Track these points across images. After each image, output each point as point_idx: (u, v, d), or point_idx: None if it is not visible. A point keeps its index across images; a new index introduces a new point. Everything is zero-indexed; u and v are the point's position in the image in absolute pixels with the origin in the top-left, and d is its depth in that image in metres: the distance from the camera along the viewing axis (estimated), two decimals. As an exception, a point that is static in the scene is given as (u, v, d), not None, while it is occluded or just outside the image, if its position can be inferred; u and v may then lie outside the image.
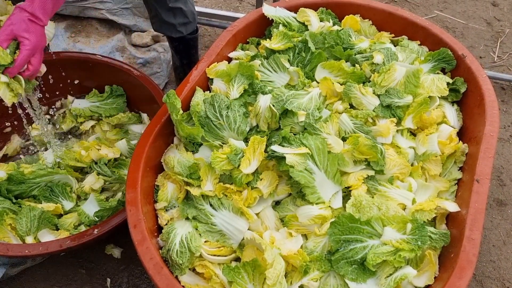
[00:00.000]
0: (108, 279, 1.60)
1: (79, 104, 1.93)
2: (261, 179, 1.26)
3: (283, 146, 1.24)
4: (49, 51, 1.86)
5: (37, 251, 1.36)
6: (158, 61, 2.27)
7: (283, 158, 1.20)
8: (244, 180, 1.25)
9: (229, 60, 1.64)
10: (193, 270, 1.22)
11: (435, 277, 1.14)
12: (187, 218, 1.27)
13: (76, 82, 1.95)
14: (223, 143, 1.37)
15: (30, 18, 1.23)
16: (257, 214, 1.26)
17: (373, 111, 1.41)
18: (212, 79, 1.55)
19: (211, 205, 1.26)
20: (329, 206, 1.25)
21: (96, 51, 2.23)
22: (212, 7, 2.59)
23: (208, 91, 1.53)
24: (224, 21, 2.42)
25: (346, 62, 1.54)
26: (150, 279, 1.09)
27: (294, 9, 1.75)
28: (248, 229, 1.22)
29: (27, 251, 1.36)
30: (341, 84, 1.46)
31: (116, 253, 1.64)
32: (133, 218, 1.18)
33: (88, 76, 1.93)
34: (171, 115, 1.38)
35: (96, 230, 1.41)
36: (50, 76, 1.81)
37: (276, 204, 1.32)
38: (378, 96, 1.44)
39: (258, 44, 1.73)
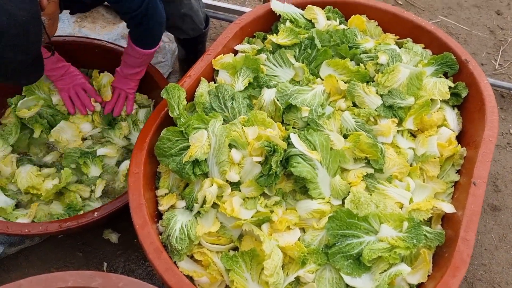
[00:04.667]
0: (105, 263, 1.62)
1: None
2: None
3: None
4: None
5: (37, 231, 1.37)
6: (163, 50, 2.27)
7: (295, 155, 1.22)
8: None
9: (235, 52, 1.66)
10: (191, 257, 1.24)
11: (428, 275, 1.16)
12: (187, 208, 1.29)
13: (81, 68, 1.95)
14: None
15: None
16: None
17: (375, 110, 1.43)
18: (217, 70, 1.57)
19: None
20: (328, 202, 1.27)
21: (101, 38, 2.23)
22: (219, 0, 2.60)
23: (213, 82, 1.55)
24: (230, 14, 2.43)
25: (351, 61, 1.56)
26: (150, 263, 1.11)
27: (302, 6, 1.76)
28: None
29: (26, 230, 1.37)
30: (345, 82, 1.48)
31: (113, 238, 1.66)
32: (135, 203, 1.20)
33: (94, 62, 1.93)
34: (169, 111, 1.38)
35: (96, 213, 1.42)
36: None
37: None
38: (381, 96, 1.46)
39: (264, 38, 1.74)
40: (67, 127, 1.72)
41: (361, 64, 1.55)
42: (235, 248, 1.26)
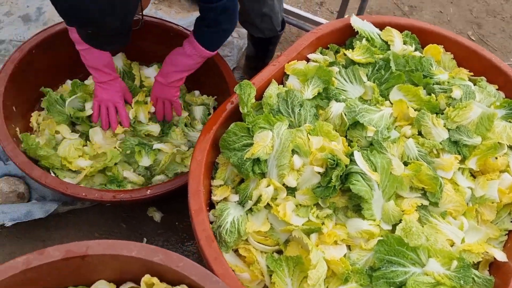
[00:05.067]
0: (145, 239, 1.67)
1: (148, 74, 1.96)
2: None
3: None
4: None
5: (92, 196, 1.43)
6: (231, 45, 2.32)
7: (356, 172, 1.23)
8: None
9: (307, 60, 1.68)
10: (235, 251, 1.27)
11: (470, 320, 1.15)
12: (239, 203, 1.32)
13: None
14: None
15: (161, 82, 1.66)
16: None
17: (440, 143, 1.41)
18: (288, 75, 1.59)
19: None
20: (378, 225, 1.27)
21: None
22: (292, 4, 2.62)
23: (281, 86, 1.57)
24: (301, 21, 2.45)
25: (423, 89, 1.55)
26: (200, 249, 1.14)
27: (380, 26, 1.76)
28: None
29: (84, 194, 1.43)
30: (414, 110, 1.47)
31: (157, 216, 1.71)
32: (194, 188, 1.24)
33: (166, 45, 1.98)
34: (239, 106, 1.42)
35: (149, 190, 1.47)
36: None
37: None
38: (448, 130, 1.45)
39: (337, 52, 1.75)
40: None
41: (432, 95, 1.54)
42: (279, 251, 1.28)
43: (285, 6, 2.46)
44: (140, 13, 1.35)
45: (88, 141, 1.72)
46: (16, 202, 1.62)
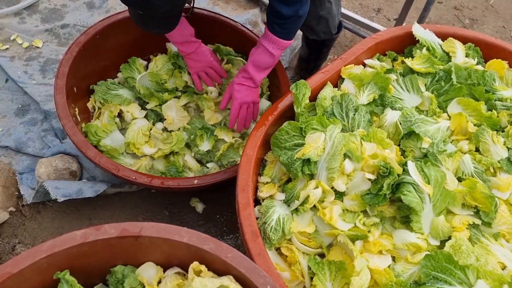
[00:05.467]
0: (185, 228, 1.69)
1: None
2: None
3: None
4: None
5: (142, 181, 1.47)
6: (284, 45, 2.32)
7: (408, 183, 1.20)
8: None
9: (364, 65, 1.65)
10: (277, 249, 1.27)
11: None
12: (285, 201, 1.32)
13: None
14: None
15: (249, 85, 1.64)
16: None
17: (498, 162, 1.36)
18: (343, 78, 1.57)
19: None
20: (426, 239, 1.24)
21: (231, 19, 2.33)
22: (348, 9, 2.60)
23: (336, 89, 1.55)
24: (357, 26, 2.42)
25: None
26: (244, 243, 1.15)
27: (443, 36, 1.71)
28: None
29: (134, 177, 1.47)
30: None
31: (199, 207, 1.73)
32: (243, 182, 1.25)
33: (222, 41, 2.01)
34: (294, 105, 1.41)
35: (196, 180, 1.50)
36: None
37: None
38: (508, 149, 1.39)
39: (394, 59, 1.72)
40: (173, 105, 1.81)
41: (493, 111, 1.48)
42: (320, 254, 1.27)
43: (342, 10, 2.43)
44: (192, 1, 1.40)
45: (153, 124, 1.79)
46: (68, 179, 1.69)
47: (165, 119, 1.78)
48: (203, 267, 0.93)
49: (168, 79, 1.89)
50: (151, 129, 1.76)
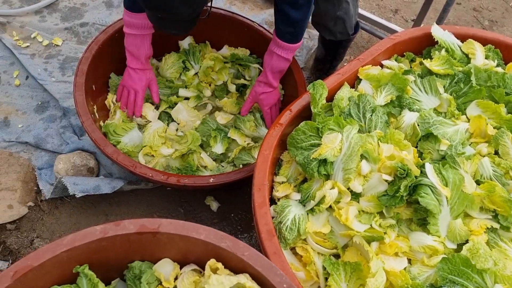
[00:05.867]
0: (203, 225, 1.70)
1: None
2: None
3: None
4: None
5: (158, 178, 1.48)
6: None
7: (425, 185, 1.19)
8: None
9: (381, 66, 1.64)
10: (292, 249, 1.27)
11: None
12: (301, 201, 1.32)
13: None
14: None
15: (271, 90, 1.73)
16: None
17: (518, 165, 1.34)
18: (360, 79, 1.56)
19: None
20: (443, 242, 1.22)
21: (248, 19, 2.33)
22: (365, 9, 2.58)
23: (352, 89, 1.55)
24: (374, 26, 2.41)
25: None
26: (260, 243, 1.15)
27: (462, 37, 1.69)
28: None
29: (150, 174, 1.49)
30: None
31: (214, 206, 1.74)
32: (259, 181, 1.25)
33: (239, 40, 2.02)
34: (310, 105, 1.41)
35: (212, 179, 1.50)
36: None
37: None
38: (528, 152, 1.37)
39: (412, 60, 1.71)
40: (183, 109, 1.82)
41: (513, 114, 1.46)
42: (335, 255, 1.26)
43: (359, 10, 2.42)
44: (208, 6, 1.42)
45: (167, 125, 1.82)
46: (86, 175, 1.71)
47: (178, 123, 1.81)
48: (219, 265, 0.94)
49: (178, 77, 1.92)
50: (165, 131, 1.77)
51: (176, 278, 1.00)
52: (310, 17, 1.53)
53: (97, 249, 0.92)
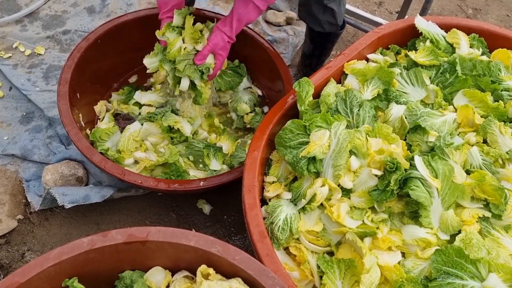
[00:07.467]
0: (193, 230, 1.70)
1: None
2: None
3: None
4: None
5: (148, 184, 1.47)
6: (286, 42, 2.31)
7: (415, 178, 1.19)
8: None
9: (367, 60, 1.64)
10: (285, 249, 1.26)
11: None
12: (292, 200, 1.31)
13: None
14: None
15: (228, 40, 1.60)
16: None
17: (507, 153, 1.34)
18: (346, 74, 1.56)
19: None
20: (435, 234, 1.22)
21: (232, 18, 2.31)
22: (350, 3, 2.58)
23: (339, 85, 1.54)
24: (359, 20, 2.40)
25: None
26: (252, 244, 1.14)
27: (446, 27, 1.69)
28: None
29: (140, 181, 1.47)
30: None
31: (206, 209, 1.73)
32: (249, 183, 1.24)
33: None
34: (297, 103, 1.40)
35: (202, 182, 1.49)
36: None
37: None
38: (516, 139, 1.37)
39: (397, 53, 1.70)
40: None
41: (500, 101, 1.46)
42: (329, 253, 1.26)
43: (343, 5, 2.42)
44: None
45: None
46: (74, 185, 1.69)
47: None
48: (211, 270, 0.93)
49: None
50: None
51: (168, 286, 0.98)
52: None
53: (86, 261, 0.91)
